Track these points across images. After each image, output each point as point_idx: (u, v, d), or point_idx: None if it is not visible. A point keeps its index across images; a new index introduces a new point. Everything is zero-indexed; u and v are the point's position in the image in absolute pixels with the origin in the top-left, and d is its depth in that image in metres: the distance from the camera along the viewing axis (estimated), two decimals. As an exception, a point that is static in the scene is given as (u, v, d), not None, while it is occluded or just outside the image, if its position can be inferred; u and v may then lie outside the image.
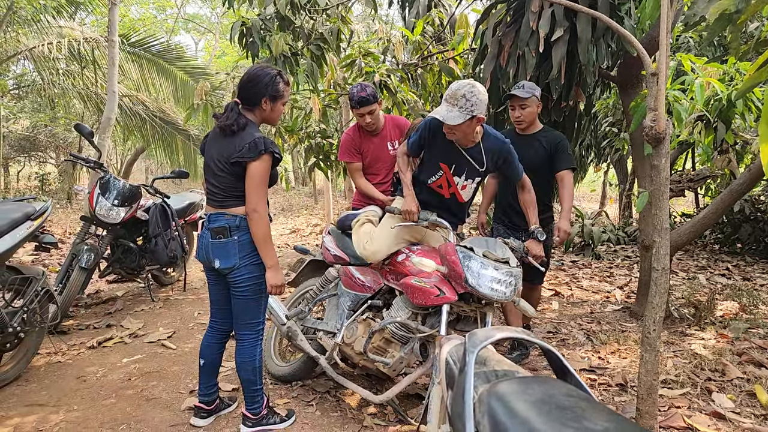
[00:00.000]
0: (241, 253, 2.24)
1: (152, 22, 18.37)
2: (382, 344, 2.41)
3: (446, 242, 2.32)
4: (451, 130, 2.37)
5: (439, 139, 2.48)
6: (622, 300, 4.44)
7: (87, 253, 3.89)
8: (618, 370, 3.02)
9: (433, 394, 1.79)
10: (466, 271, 2.08)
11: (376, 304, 2.60)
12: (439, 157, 2.54)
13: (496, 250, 2.20)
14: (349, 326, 2.57)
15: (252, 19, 4.49)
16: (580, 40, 3.07)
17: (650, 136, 2.07)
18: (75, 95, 9.53)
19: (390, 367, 2.39)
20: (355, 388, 2.48)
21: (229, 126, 2.19)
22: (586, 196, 15.62)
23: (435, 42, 5.34)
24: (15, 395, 2.78)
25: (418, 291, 2.22)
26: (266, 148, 2.14)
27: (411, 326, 2.28)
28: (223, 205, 2.25)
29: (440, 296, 2.15)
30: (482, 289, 2.08)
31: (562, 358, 1.09)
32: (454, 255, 2.14)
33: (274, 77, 2.25)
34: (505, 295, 2.11)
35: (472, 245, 2.18)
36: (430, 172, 2.60)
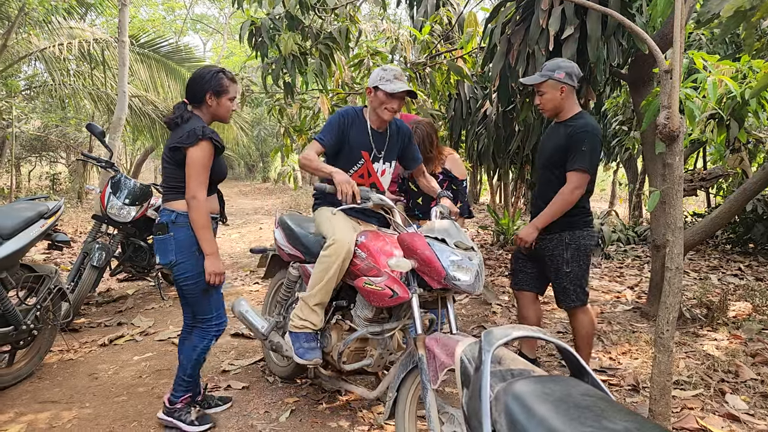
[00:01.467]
0: (177, 249, 2.27)
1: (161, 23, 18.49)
2: (359, 345, 2.40)
3: (410, 231, 2.10)
4: (395, 104, 2.41)
5: (357, 126, 2.49)
6: (632, 300, 4.41)
7: (98, 251, 3.92)
8: (629, 370, 3.00)
9: (428, 401, 1.76)
10: (447, 268, 1.91)
11: (341, 305, 2.52)
12: (359, 145, 2.49)
13: (461, 237, 2.05)
14: (324, 335, 2.49)
15: (261, 19, 4.51)
16: (591, 37, 3.05)
17: (664, 135, 2.05)
18: (85, 96, 9.60)
19: (372, 365, 2.39)
20: (349, 387, 2.47)
21: (174, 119, 2.29)
22: (596, 196, 15.50)
23: (443, 41, 5.33)
24: (28, 392, 2.81)
25: (371, 294, 2.11)
26: (204, 134, 2.20)
27: (378, 330, 2.26)
28: (165, 199, 2.33)
29: (394, 297, 2.04)
30: (464, 286, 1.93)
31: (579, 358, 1.08)
32: (428, 250, 1.95)
33: (216, 73, 2.33)
34: (479, 288, 1.99)
35: (441, 235, 2.01)
36: (351, 162, 2.50)
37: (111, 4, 8.98)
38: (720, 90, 3.51)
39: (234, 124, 10.77)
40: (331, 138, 2.42)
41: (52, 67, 8.85)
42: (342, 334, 2.48)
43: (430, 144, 3.10)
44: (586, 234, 2.65)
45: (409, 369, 1.92)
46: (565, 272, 2.64)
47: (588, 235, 2.66)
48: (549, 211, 2.59)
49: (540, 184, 2.84)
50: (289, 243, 2.80)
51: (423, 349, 1.85)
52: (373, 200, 2.21)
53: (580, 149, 2.52)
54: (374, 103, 2.45)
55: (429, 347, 1.83)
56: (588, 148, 2.52)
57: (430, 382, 1.77)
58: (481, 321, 3.95)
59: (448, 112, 5.53)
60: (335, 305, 2.51)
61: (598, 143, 2.58)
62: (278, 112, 5.40)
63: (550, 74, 2.59)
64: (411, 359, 1.92)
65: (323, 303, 2.40)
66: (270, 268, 3.15)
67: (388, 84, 2.36)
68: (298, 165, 2.35)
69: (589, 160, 2.54)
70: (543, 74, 2.61)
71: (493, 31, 3.63)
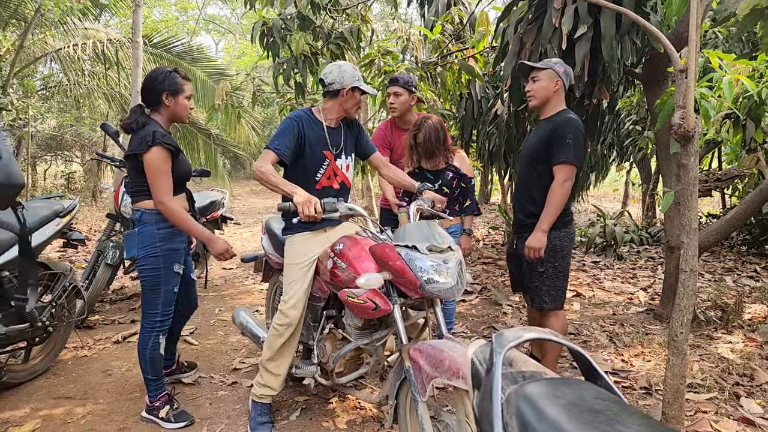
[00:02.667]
0: (140, 244, 2.37)
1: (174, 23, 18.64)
2: (354, 353, 2.39)
3: (381, 242, 2.01)
4: (356, 102, 2.42)
5: (312, 127, 2.39)
6: (645, 302, 4.36)
7: (112, 250, 3.97)
8: (642, 373, 2.97)
9: (421, 412, 1.74)
10: (420, 278, 1.81)
11: (331, 314, 2.48)
12: (321, 146, 2.39)
13: (436, 238, 1.93)
14: (318, 346, 2.48)
15: (273, 19, 4.53)
16: (604, 36, 3.02)
17: (679, 134, 2.03)
18: (100, 95, 9.72)
19: (370, 373, 2.38)
20: (352, 392, 2.44)
21: (129, 125, 2.33)
22: (608, 196, 15.38)
23: (454, 40, 5.31)
24: (44, 388, 2.86)
25: (354, 307, 2.03)
26: (154, 140, 2.23)
27: (368, 341, 2.24)
28: (133, 201, 2.41)
29: (377, 310, 1.97)
30: (443, 291, 1.83)
31: (591, 360, 1.07)
32: (399, 260, 1.85)
33: (169, 73, 2.37)
34: (460, 291, 1.91)
35: (411, 241, 1.89)
36: (316, 165, 2.38)
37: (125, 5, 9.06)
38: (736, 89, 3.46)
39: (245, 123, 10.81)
40: (288, 144, 2.27)
41: (68, 67, 8.97)
42: (336, 344, 2.44)
43: (436, 140, 3.03)
44: (563, 234, 2.61)
45: (402, 378, 1.90)
46: (539, 272, 2.62)
47: (565, 236, 2.62)
48: (548, 211, 2.53)
49: (521, 182, 2.80)
50: (276, 251, 2.76)
51: (409, 361, 1.81)
52: (340, 211, 2.09)
53: (565, 142, 2.49)
54: (348, 103, 2.40)
55: (414, 359, 1.78)
56: (572, 140, 2.48)
57: (420, 394, 1.73)
58: (492, 322, 3.94)
59: (459, 111, 5.51)
60: (326, 314, 2.48)
61: (582, 137, 2.53)
62: (289, 111, 5.41)
63: (552, 65, 2.60)
64: (401, 369, 1.89)
65: (284, 365, 2.40)
66: (266, 272, 3.16)
67: (365, 86, 2.39)
68: (257, 176, 2.27)
69: (574, 152, 2.49)
70: (545, 63, 2.62)
71: (505, 30, 3.62)
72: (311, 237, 2.40)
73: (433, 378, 1.67)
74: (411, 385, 1.78)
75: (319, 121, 2.41)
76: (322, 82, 2.38)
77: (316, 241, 2.39)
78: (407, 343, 1.92)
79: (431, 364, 1.69)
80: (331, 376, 2.37)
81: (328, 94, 2.40)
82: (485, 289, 4.79)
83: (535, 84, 2.62)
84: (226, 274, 5.64)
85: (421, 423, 1.76)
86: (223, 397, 2.76)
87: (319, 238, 2.41)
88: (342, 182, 2.49)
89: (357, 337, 2.27)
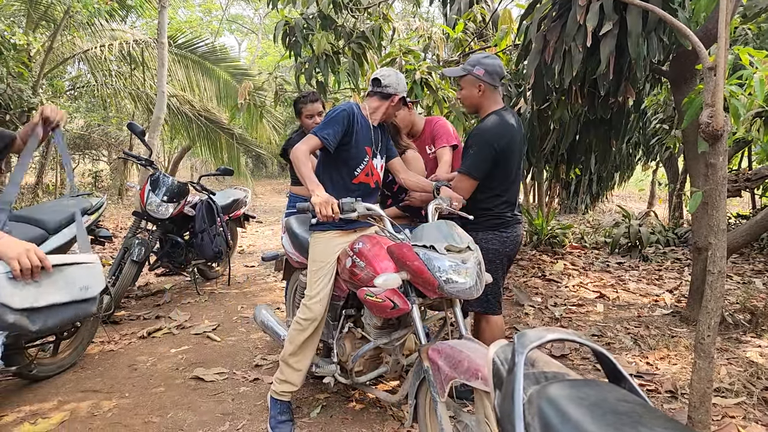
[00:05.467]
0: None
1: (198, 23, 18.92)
2: (374, 352, 2.39)
3: (398, 242, 2.01)
4: (397, 111, 2.50)
5: (362, 123, 2.41)
6: (671, 304, 4.27)
7: (138, 247, 4.06)
8: (668, 376, 2.91)
9: (440, 412, 1.74)
10: (438, 278, 1.82)
11: (350, 313, 2.49)
12: (364, 142, 2.41)
13: (455, 237, 1.92)
14: (338, 344, 2.49)
15: (295, 19, 4.56)
16: (630, 33, 2.96)
17: (707, 133, 1.98)
18: (126, 95, 9.92)
19: (389, 372, 2.38)
20: (372, 391, 2.44)
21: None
22: (634, 196, 15.05)
23: (477, 38, 5.28)
24: (71, 381, 2.94)
25: (373, 305, 2.04)
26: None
27: (387, 340, 2.24)
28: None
29: (395, 309, 1.99)
30: (462, 292, 1.83)
31: (615, 362, 1.05)
32: (417, 260, 1.85)
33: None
34: (479, 291, 1.88)
35: (429, 241, 1.89)
36: (357, 160, 2.39)
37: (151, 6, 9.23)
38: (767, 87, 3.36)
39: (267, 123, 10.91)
40: (336, 135, 2.27)
41: (95, 67, 9.17)
42: (355, 343, 2.45)
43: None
44: (490, 237, 2.55)
45: (421, 378, 1.90)
46: None
47: (492, 239, 2.55)
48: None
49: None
50: (296, 250, 2.78)
51: (428, 361, 1.81)
52: (358, 211, 2.08)
53: (469, 152, 2.51)
54: (393, 110, 2.46)
55: (432, 359, 1.78)
56: (475, 151, 2.47)
57: (439, 395, 1.73)
58: (514, 322, 3.91)
59: (481, 110, 5.46)
60: (345, 313, 2.49)
61: (490, 146, 2.44)
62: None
63: (470, 69, 2.53)
64: (420, 369, 1.89)
65: (306, 360, 2.41)
66: (286, 270, 3.18)
67: (405, 95, 2.42)
68: (290, 155, 2.23)
69: (472, 163, 2.47)
70: (464, 68, 2.55)
71: (528, 27, 3.58)
72: (340, 236, 2.41)
73: (452, 378, 1.67)
74: (430, 385, 1.78)
75: (366, 118, 2.44)
76: (378, 82, 2.40)
77: (346, 240, 2.40)
78: (426, 343, 1.92)
79: (450, 364, 1.69)
80: (351, 375, 2.39)
81: (378, 95, 2.42)
82: (507, 289, 4.75)
83: (460, 92, 2.61)
84: (248, 272, 5.71)
85: (441, 423, 1.76)
86: (245, 393, 2.80)
87: (350, 237, 2.42)
88: (376, 181, 2.51)
89: (376, 337, 2.28)
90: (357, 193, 2.37)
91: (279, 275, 5.48)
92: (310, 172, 2.16)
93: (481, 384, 1.54)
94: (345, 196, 2.13)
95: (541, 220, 6.56)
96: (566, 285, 4.91)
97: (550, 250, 6.38)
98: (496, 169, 2.50)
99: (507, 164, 2.52)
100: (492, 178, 2.51)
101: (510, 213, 2.60)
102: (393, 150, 2.63)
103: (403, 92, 2.42)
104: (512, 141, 2.50)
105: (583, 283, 4.96)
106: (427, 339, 1.99)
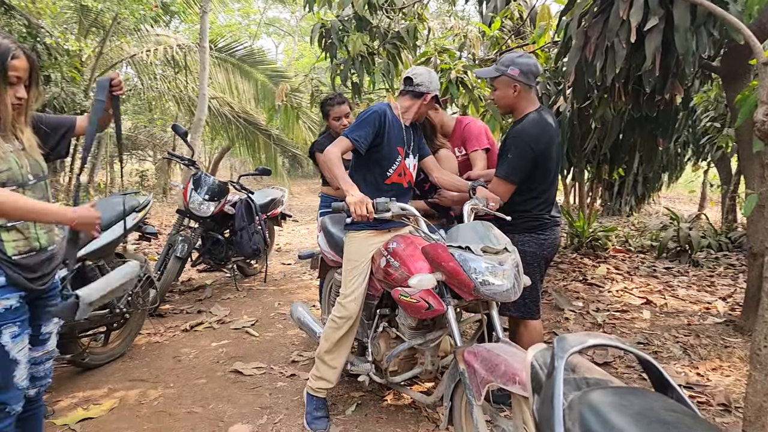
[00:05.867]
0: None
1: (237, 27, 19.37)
2: (409, 352, 2.39)
3: (433, 242, 2.01)
4: (430, 109, 2.51)
5: (393, 124, 2.39)
6: (724, 312, 4.07)
7: (181, 243, 4.20)
8: (720, 388, 2.78)
9: (476, 416, 1.72)
10: (474, 280, 1.80)
11: (385, 313, 2.49)
12: (396, 143, 2.39)
13: (491, 239, 1.90)
14: (372, 343, 2.49)
15: (331, 21, 4.61)
16: (678, 28, 2.84)
17: (762, 132, 1.89)
18: (170, 98, 10.27)
19: (424, 373, 2.36)
20: (407, 391, 2.44)
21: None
22: (683, 198, 14.46)
23: (514, 36, 5.19)
24: (120, 370, 3.07)
25: (407, 306, 2.02)
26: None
27: (421, 341, 2.22)
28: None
29: (430, 309, 1.96)
30: (498, 294, 1.81)
31: (662, 370, 1.02)
32: (452, 261, 1.84)
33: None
34: (516, 293, 1.86)
35: (465, 242, 1.86)
36: (390, 161, 2.39)
37: (193, 12, 9.51)
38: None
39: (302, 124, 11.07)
40: (367, 137, 2.27)
41: (141, 71, 9.53)
42: (390, 343, 2.45)
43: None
44: (527, 239, 2.49)
45: (456, 380, 1.89)
46: None
47: (529, 241, 2.49)
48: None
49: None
50: (331, 249, 2.79)
51: (463, 363, 1.80)
52: (393, 211, 2.07)
53: (506, 156, 2.45)
54: (425, 108, 2.45)
55: (468, 362, 1.76)
56: (513, 155, 2.41)
57: (474, 398, 1.72)
58: (553, 327, 3.82)
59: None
60: (379, 313, 2.49)
61: (530, 148, 2.38)
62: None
63: (504, 70, 2.45)
64: (456, 371, 1.88)
65: (341, 358, 2.42)
66: (322, 269, 3.21)
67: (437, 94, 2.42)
68: (321, 158, 2.24)
69: (510, 167, 2.43)
70: (498, 68, 2.48)
71: (569, 24, 3.49)
72: (374, 236, 2.42)
73: (488, 382, 1.65)
74: (466, 388, 1.77)
75: (398, 117, 2.43)
76: (410, 80, 2.39)
77: (380, 240, 2.41)
78: (462, 345, 1.90)
79: (486, 367, 1.67)
80: (385, 375, 2.39)
81: (410, 94, 2.41)
82: (546, 292, 4.66)
83: (494, 93, 2.56)
84: (284, 269, 5.81)
85: (477, 426, 1.75)
86: (282, 388, 2.85)
87: (384, 237, 2.42)
88: (409, 181, 2.50)
89: (411, 337, 2.27)
90: (390, 194, 2.36)
91: (314, 273, 5.55)
92: (343, 173, 2.18)
93: (518, 388, 1.52)
94: (378, 197, 2.13)
95: (582, 222, 6.39)
96: (609, 290, 4.76)
97: (591, 253, 6.21)
98: (535, 171, 2.45)
99: (545, 166, 2.47)
100: (530, 180, 2.47)
101: (548, 215, 2.55)
102: (426, 149, 2.62)
103: (436, 90, 2.40)
104: (551, 142, 2.45)
105: (628, 289, 4.80)
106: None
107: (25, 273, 1.67)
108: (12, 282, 1.63)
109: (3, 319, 1.61)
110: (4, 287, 1.62)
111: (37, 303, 1.79)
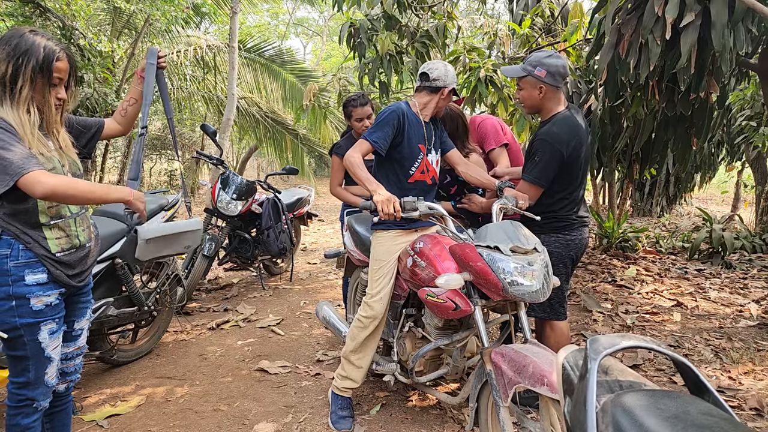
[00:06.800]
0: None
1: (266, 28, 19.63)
2: (435, 352, 2.36)
3: (461, 242, 1.98)
4: (448, 103, 2.48)
5: (413, 121, 2.37)
6: (758, 315, 3.93)
7: (209, 242, 4.27)
8: (753, 392, 2.68)
9: (503, 417, 1.70)
10: (503, 280, 1.78)
11: (411, 312, 2.47)
12: (417, 140, 2.38)
13: (520, 238, 1.87)
14: (398, 343, 2.48)
15: (360, 20, 4.62)
16: (715, 24, 2.75)
17: (806, 130, 1.81)
18: (199, 98, 10.47)
19: (450, 374, 2.33)
20: (432, 392, 2.41)
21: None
22: (716, 198, 14.01)
23: (545, 34, 5.11)
24: (148, 367, 3.13)
25: (433, 306, 2.00)
26: None
27: (448, 342, 2.19)
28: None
29: (456, 310, 1.93)
30: (527, 295, 1.79)
31: (698, 373, 0.98)
32: (480, 261, 1.82)
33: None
34: (546, 294, 1.83)
35: (493, 241, 1.84)
36: (412, 159, 2.37)
37: (223, 13, 9.67)
38: None
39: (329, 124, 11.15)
40: (386, 137, 2.28)
41: (171, 72, 9.73)
42: (416, 343, 2.44)
43: (452, 129, 2.86)
44: (552, 240, 2.44)
45: (483, 381, 1.87)
46: None
47: (555, 242, 2.44)
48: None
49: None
50: (357, 248, 2.80)
51: (491, 364, 1.77)
52: (420, 210, 2.07)
53: (533, 159, 2.40)
54: (443, 102, 2.43)
55: (495, 363, 1.74)
56: (540, 158, 2.36)
57: (501, 399, 1.69)
58: (581, 329, 3.75)
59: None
60: (405, 313, 2.48)
61: (553, 152, 2.34)
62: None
63: (530, 70, 2.40)
64: (483, 372, 1.86)
65: (367, 358, 2.43)
66: (348, 268, 3.20)
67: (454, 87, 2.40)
68: (344, 163, 2.26)
69: (539, 171, 2.38)
70: (524, 68, 2.43)
71: (602, 21, 3.42)
72: (401, 235, 2.41)
73: (516, 383, 1.63)
74: (492, 389, 1.74)
75: (417, 114, 2.42)
76: (426, 76, 2.37)
77: (407, 239, 2.40)
78: (489, 345, 1.88)
79: (514, 369, 1.65)
80: (411, 375, 2.38)
81: (427, 89, 2.39)
82: (574, 294, 4.57)
83: (520, 93, 2.52)
84: (310, 269, 5.85)
85: (503, 428, 1.72)
86: (307, 387, 2.87)
87: (411, 237, 2.41)
88: (433, 177, 2.48)
89: (437, 337, 2.26)
90: (414, 192, 2.37)
91: (340, 273, 5.57)
92: (367, 174, 2.18)
93: (547, 390, 1.49)
94: (403, 196, 2.12)
95: (611, 222, 6.25)
96: (639, 291, 4.64)
97: (621, 255, 6.07)
98: (563, 172, 2.41)
99: (574, 167, 2.42)
100: (558, 181, 2.43)
101: (575, 215, 2.50)
102: (448, 143, 2.59)
103: (452, 84, 2.37)
104: (580, 143, 2.40)
105: (658, 290, 4.67)
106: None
107: (66, 270, 1.72)
108: (53, 279, 1.68)
109: (43, 316, 1.66)
110: (45, 284, 1.67)
111: (71, 299, 1.84)
